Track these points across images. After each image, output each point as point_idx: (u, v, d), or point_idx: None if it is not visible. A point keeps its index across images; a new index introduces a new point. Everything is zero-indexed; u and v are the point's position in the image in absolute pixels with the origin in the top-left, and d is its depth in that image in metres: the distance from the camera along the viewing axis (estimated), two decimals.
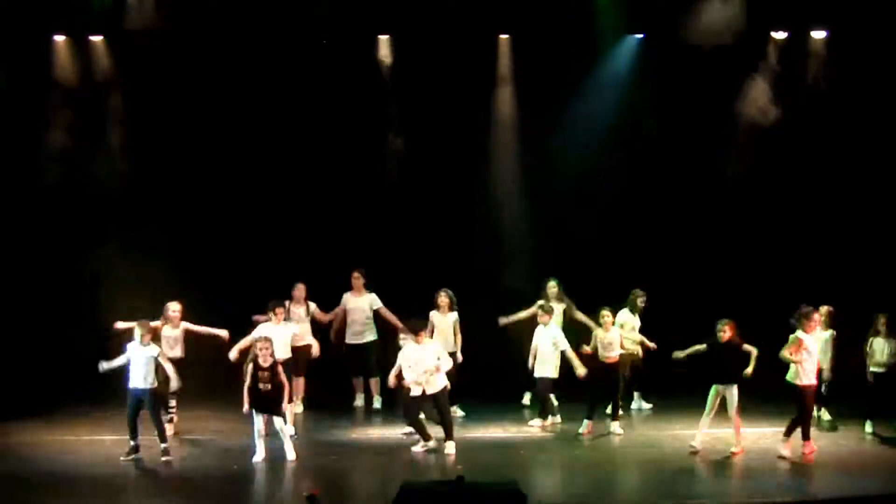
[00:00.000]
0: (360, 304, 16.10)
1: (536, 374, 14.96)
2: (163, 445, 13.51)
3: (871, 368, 14.53)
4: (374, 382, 16.12)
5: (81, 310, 17.06)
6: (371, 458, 13.86)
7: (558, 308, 15.61)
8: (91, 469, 13.16)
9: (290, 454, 13.46)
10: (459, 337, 15.27)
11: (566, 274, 16.73)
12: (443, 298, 15.28)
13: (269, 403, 13.42)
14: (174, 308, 14.63)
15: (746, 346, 13.52)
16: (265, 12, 16.53)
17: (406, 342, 14.02)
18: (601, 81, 17.63)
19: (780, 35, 17.27)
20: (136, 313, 15.07)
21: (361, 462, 13.75)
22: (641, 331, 15.61)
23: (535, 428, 14.98)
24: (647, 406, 16.11)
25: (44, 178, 17.09)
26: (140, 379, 13.42)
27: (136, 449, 13.48)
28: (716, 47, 16.73)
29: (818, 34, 17.23)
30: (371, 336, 16.11)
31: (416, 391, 13.79)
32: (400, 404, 14.45)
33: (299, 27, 16.73)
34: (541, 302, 15.30)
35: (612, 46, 17.55)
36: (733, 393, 13.52)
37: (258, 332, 14.20)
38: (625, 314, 15.51)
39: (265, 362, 13.33)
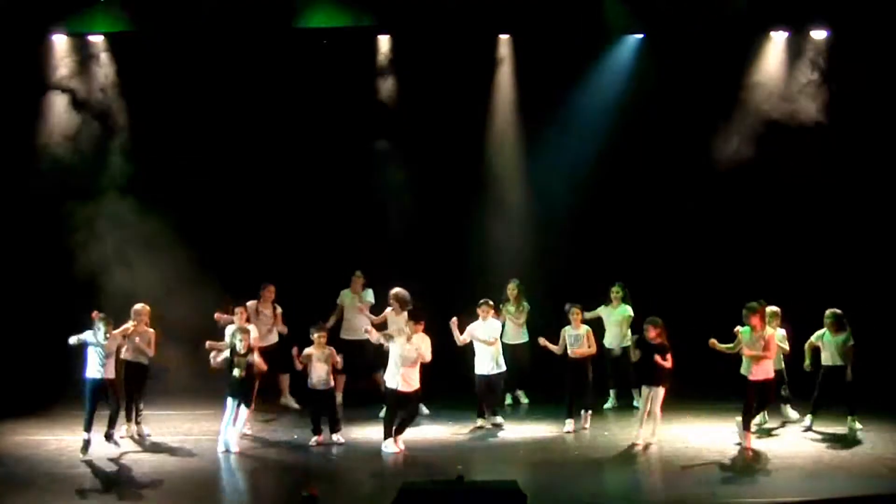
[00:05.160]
0: (358, 303, 16.13)
1: (494, 371, 14.98)
2: (110, 430, 13.69)
3: (825, 363, 14.61)
4: (380, 377, 16.14)
5: (81, 309, 17.02)
6: (371, 458, 13.85)
7: (513, 308, 15.76)
8: (90, 469, 13.15)
9: (234, 446, 13.74)
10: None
11: (565, 274, 16.79)
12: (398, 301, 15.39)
13: (242, 391, 13.81)
14: (141, 310, 14.58)
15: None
16: (266, 12, 16.53)
17: (394, 337, 14.19)
18: (601, 82, 17.65)
19: (780, 34, 17.29)
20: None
21: (361, 462, 13.75)
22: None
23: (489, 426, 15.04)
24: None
25: (42, 175, 17.08)
26: (97, 368, 13.66)
27: (89, 443, 13.60)
28: (716, 45, 16.82)
29: (818, 34, 17.23)
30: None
31: (397, 384, 13.95)
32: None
33: (300, 27, 16.74)
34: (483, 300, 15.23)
35: (613, 46, 17.57)
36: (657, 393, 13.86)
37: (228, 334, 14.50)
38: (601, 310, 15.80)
39: (242, 349, 13.77)
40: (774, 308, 14.67)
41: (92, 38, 17.20)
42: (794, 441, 14.26)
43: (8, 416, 15.22)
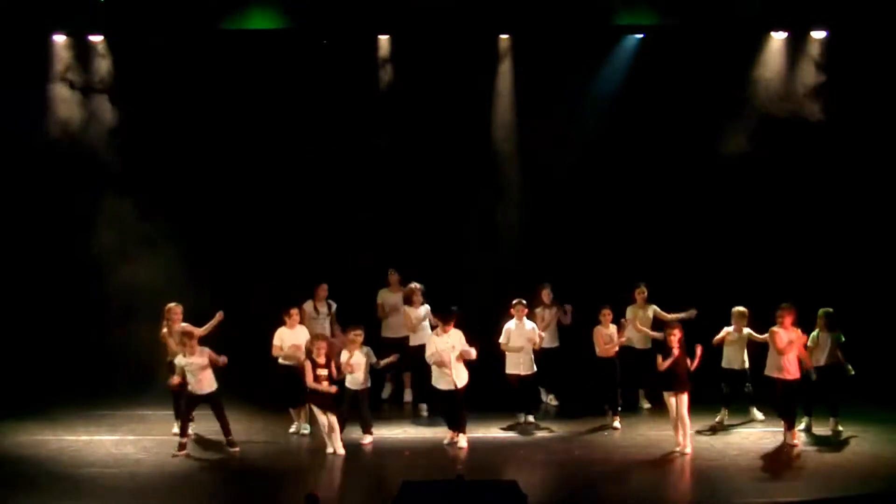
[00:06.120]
0: (398, 301, 16.17)
1: (527, 372, 15.01)
2: (229, 438, 14.03)
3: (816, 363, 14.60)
4: (408, 376, 16.14)
5: (81, 309, 17.05)
6: (371, 458, 13.86)
7: (549, 313, 15.68)
8: (91, 469, 13.17)
9: (340, 449, 13.78)
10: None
11: (566, 274, 16.80)
12: (417, 296, 15.42)
13: (326, 399, 13.78)
14: (174, 309, 14.66)
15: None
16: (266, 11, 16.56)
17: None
18: (601, 82, 17.66)
19: (780, 35, 17.30)
20: (134, 312, 15.29)
21: (361, 462, 13.75)
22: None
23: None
24: (646, 406, 16.08)
25: (44, 174, 17.07)
26: (195, 385, 13.88)
27: (183, 446, 13.92)
28: (716, 44, 16.86)
29: (818, 34, 17.24)
30: (405, 331, 16.13)
31: (443, 384, 14.09)
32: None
33: (300, 27, 16.73)
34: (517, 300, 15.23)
35: (613, 46, 17.59)
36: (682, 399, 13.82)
37: (277, 338, 14.60)
38: (630, 310, 15.69)
39: (320, 358, 13.79)
40: (742, 308, 14.74)
41: (92, 38, 17.17)
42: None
43: (8, 416, 15.21)
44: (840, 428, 14.51)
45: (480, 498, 10.43)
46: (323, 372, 13.75)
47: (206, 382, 13.84)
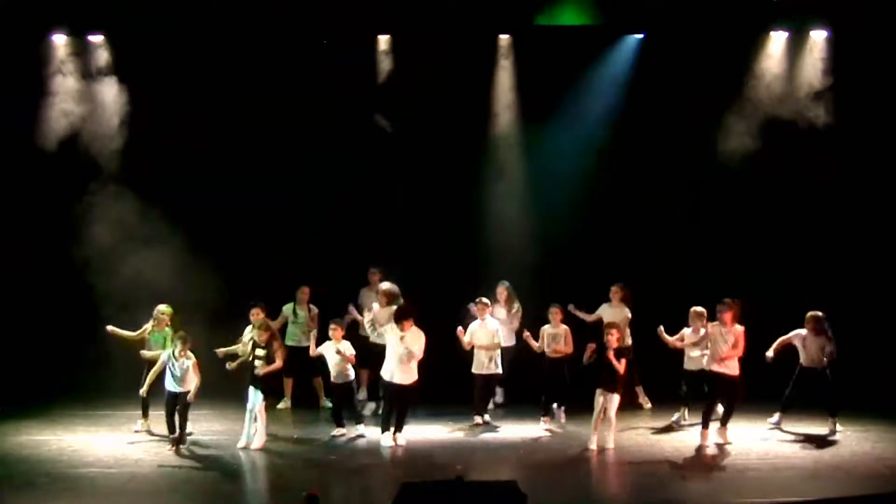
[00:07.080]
0: (375, 299, 16.17)
1: (491, 371, 15.10)
2: (173, 437, 13.88)
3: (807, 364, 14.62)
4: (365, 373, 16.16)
5: (81, 308, 17.03)
6: (371, 458, 13.86)
7: (503, 312, 15.70)
8: (91, 469, 13.16)
9: (258, 442, 13.82)
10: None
11: (566, 274, 16.80)
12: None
13: (264, 382, 13.89)
14: (163, 310, 14.69)
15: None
16: (267, 11, 16.53)
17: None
18: (601, 82, 17.66)
19: (780, 34, 17.30)
20: (132, 310, 15.30)
21: (361, 462, 13.75)
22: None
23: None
24: (647, 406, 16.09)
25: (41, 174, 17.06)
26: (175, 383, 13.89)
27: (177, 441, 13.88)
28: (715, 45, 16.85)
29: (818, 34, 17.23)
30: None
31: (392, 377, 14.11)
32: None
33: (300, 27, 16.73)
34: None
35: (612, 46, 17.58)
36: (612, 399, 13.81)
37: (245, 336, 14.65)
38: (602, 308, 15.78)
39: (261, 340, 13.89)
40: (700, 308, 14.72)
41: (92, 37, 17.17)
42: (794, 441, 14.26)
43: (8, 416, 15.20)
44: (839, 428, 14.51)
45: (480, 498, 10.42)
46: (261, 353, 13.84)
47: (187, 381, 13.87)
